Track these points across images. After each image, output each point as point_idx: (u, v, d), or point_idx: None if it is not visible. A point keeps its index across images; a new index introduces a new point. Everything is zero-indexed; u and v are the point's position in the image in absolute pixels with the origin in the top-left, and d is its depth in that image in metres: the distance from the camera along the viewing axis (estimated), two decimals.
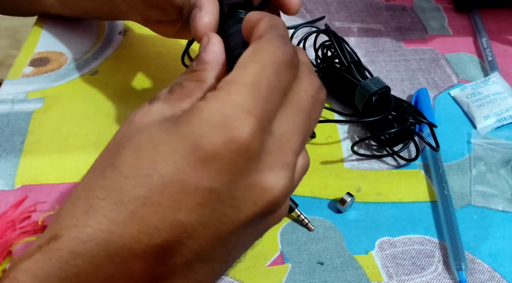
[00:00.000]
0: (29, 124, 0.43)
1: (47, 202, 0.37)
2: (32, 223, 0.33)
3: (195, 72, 0.26)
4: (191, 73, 0.26)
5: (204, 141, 0.21)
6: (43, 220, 0.33)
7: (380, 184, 0.40)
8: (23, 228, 0.33)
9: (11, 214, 0.34)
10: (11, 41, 1.44)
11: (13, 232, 0.33)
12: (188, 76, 0.26)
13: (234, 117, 0.21)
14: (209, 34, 0.28)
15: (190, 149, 0.21)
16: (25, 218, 0.34)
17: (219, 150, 0.21)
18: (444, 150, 0.42)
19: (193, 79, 0.26)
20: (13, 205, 0.34)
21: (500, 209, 0.39)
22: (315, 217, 0.38)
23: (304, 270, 0.35)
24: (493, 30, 0.55)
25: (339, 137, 0.44)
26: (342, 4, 0.59)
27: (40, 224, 0.33)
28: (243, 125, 0.21)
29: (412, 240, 0.37)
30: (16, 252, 0.32)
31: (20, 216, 0.34)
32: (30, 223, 0.33)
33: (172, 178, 0.21)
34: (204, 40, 0.28)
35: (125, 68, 0.49)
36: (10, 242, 0.32)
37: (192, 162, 0.21)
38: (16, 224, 0.33)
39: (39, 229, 0.33)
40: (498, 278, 0.35)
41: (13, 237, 0.32)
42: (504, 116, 0.45)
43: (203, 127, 0.21)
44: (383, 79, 0.48)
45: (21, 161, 0.41)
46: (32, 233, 0.33)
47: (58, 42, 0.51)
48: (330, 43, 0.46)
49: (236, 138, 0.21)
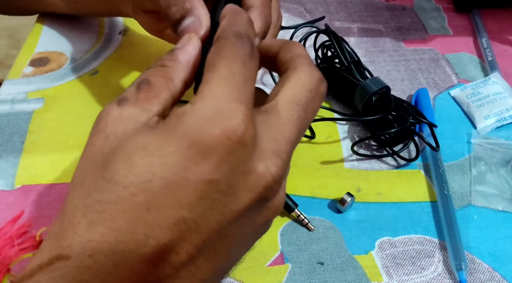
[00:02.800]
0: (29, 124, 0.43)
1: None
2: (30, 239, 0.33)
3: (164, 68, 0.26)
4: (160, 67, 0.26)
5: (202, 135, 0.22)
6: (41, 235, 0.33)
7: (380, 184, 0.40)
8: (21, 244, 0.33)
9: (9, 230, 0.33)
10: (11, 41, 1.44)
11: (12, 249, 0.32)
12: (156, 70, 0.26)
13: (225, 107, 0.22)
14: (191, 35, 0.28)
15: (189, 146, 0.22)
16: (23, 234, 0.33)
17: (218, 140, 0.22)
18: (444, 150, 0.42)
19: (161, 75, 0.25)
20: (10, 221, 0.34)
21: (500, 209, 0.39)
22: (315, 217, 0.38)
23: (304, 270, 0.35)
24: (493, 30, 0.55)
25: (339, 137, 0.44)
26: (342, 4, 0.59)
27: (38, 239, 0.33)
28: (236, 113, 0.22)
29: (412, 240, 0.37)
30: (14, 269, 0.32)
31: (17, 232, 0.33)
32: (27, 238, 0.33)
33: (173, 178, 0.21)
34: (185, 38, 0.28)
35: (125, 68, 0.49)
36: (9, 259, 0.32)
37: (192, 158, 0.22)
38: (14, 240, 0.33)
39: (37, 244, 0.33)
40: (498, 278, 0.35)
41: (12, 254, 0.32)
42: (504, 116, 0.45)
43: (199, 123, 0.22)
44: (383, 79, 0.48)
45: (21, 161, 0.41)
46: (31, 249, 0.33)
47: (58, 42, 0.51)
48: (330, 43, 0.46)
49: (233, 126, 0.22)
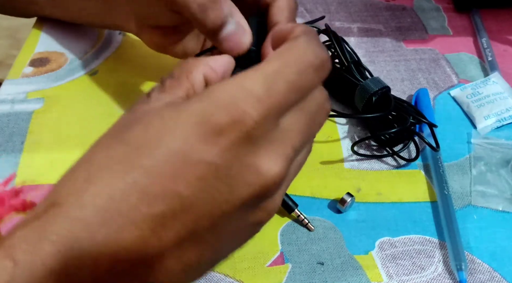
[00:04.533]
0: (29, 124, 0.43)
1: None
2: (21, 201, 0.33)
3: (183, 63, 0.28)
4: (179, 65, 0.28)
5: (212, 118, 0.22)
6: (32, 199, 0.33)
7: (380, 184, 0.40)
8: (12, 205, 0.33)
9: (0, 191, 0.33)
10: (11, 41, 1.44)
11: (2, 208, 0.32)
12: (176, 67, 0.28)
13: (242, 99, 0.22)
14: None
15: (197, 123, 0.22)
16: (14, 195, 0.33)
17: (225, 128, 0.22)
18: (444, 150, 0.42)
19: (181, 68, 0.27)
20: (2, 183, 0.34)
21: (500, 209, 0.39)
22: (315, 217, 0.38)
23: (304, 270, 0.35)
24: (493, 30, 0.55)
25: (339, 137, 0.44)
26: (342, 4, 0.59)
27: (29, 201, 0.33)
28: (251, 109, 0.22)
29: (412, 240, 0.37)
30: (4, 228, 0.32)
31: (8, 193, 0.33)
32: (19, 200, 0.33)
33: (177, 150, 0.22)
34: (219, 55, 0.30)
35: (125, 68, 0.49)
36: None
37: (197, 136, 0.22)
38: (5, 200, 0.33)
39: (28, 205, 0.33)
40: (498, 278, 0.35)
41: (2, 212, 0.32)
42: (504, 116, 0.45)
43: (212, 105, 0.23)
44: (383, 79, 0.48)
45: (21, 161, 0.41)
46: (21, 209, 0.33)
47: (58, 42, 0.51)
48: (330, 43, 0.46)
49: (242, 120, 0.22)
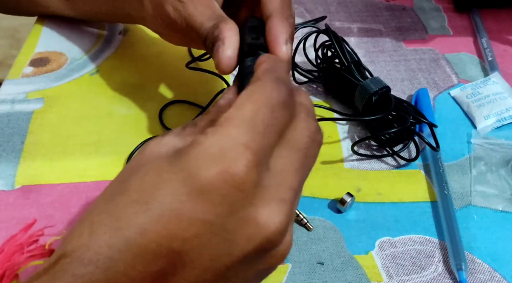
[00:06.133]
0: (29, 124, 0.43)
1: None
2: (39, 247, 0.34)
3: (208, 114, 0.27)
4: (206, 115, 0.27)
5: (200, 172, 0.21)
6: (50, 244, 0.34)
7: (380, 184, 0.40)
8: (31, 252, 0.34)
9: (20, 238, 0.34)
10: (11, 41, 1.44)
11: (21, 256, 0.33)
12: (202, 117, 0.27)
13: (230, 149, 0.22)
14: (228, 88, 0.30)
15: (185, 179, 0.22)
16: (33, 242, 0.34)
17: (214, 182, 0.21)
18: (444, 150, 0.42)
19: (206, 119, 0.27)
20: (23, 229, 0.35)
21: (500, 209, 0.39)
22: (315, 217, 0.38)
23: (304, 270, 0.35)
24: (493, 30, 0.55)
25: (339, 137, 0.44)
26: (342, 4, 0.59)
27: (47, 248, 0.34)
28: (239, 157, 0.22)
29: (412, 240, 0.37)
30: (23, 275, 0.33)
31: (28, 240, 0.34)
32: (37, 247, 0.34)
33: (169, 206, 0.21)
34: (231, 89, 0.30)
35: (125, 68, 0.49)
36: (17, 265, 0.33)
37: (187, 193, 0.21)
38: (24, 248, 0.34)
39: (47, 253, 0.34)
40: (498, 278, 0.35)
41: (21, 260, 0.33)
42: (504, 116, 0.45)
43: (200, 158, 0.22)
44: (383, 79, 0.48)
45: (21, 161, 0.41)
46: (40, 257, 0.34)
47: (58, 42, 0.51)
48: (330, 43, 0.46)
49: (231, 170, 0.21)
